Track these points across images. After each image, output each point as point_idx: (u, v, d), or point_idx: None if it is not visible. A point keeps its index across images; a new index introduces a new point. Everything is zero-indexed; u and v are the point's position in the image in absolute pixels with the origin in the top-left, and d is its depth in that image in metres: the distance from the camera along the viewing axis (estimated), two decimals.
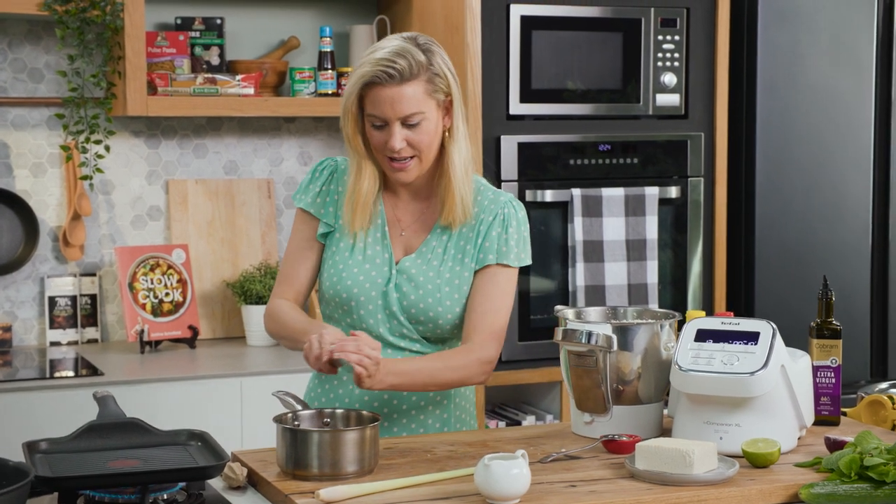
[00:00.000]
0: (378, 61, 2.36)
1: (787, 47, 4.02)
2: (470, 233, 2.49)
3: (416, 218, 2.52)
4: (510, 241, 2.48)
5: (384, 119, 2.39)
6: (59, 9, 3.65)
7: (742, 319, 2.32)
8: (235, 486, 2.20)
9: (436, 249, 2.49)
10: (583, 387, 2.42)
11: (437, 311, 2.45)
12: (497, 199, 2.51)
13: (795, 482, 2.12)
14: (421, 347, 2.49)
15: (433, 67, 2.39)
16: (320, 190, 2.53)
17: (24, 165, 3.92)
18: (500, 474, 1.98)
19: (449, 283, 2.46)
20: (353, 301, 2.46)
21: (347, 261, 2.48)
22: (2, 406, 3.34)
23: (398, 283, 2.46)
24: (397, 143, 2.38)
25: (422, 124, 2.39)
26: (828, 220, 4.09)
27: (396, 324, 2.46)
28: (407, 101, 2.36)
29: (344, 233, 2.50)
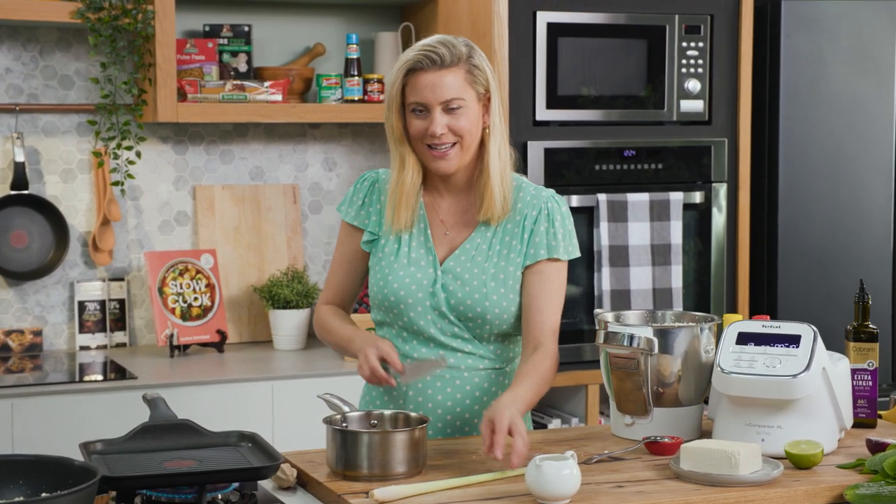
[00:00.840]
0: (420, 48, 2.45)
1: (810, 54, 4.06)
2: (515, 228, 2.53)
3: (457, 218, 2.56)
4: (558, 235, 2.52)
5: (425, 104, 2.44)
6: (92, 17, 3.68)
7: (782, 322, 2.35)
8: (285, 486, 2.23)
9: (480, 246, 2.52)
10: (624, 389, 2.45)
11: (485, 307, 2.48)
12: (539, 194, 2.57)
13: (839, 483, 2.15)
14: (473, 348, 2.52)
15: (473, 60, 2.46)
16: (363, 202, 2.59)
17: (54, 171, 3.96)
18: (551, 475, 2.02)
19: (494, 278, 2.50)
20: (402, 304, 2.50)
21: (393, 265, 2.52)
22: (33, 409, 3.37)
23: (444, 282, 2.50)
24: (438, 127, 2.43)
25: (462, 111, 2.44)
26: (849, 224, 4.13)
27: (447, 323, 2.50)
28: (447, 86, 2.42)
29: (388, 239, 2.54)
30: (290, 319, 3.95)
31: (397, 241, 2.54)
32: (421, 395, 2.52)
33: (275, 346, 3.99)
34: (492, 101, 2.50)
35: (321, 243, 4.28)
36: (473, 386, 2.52)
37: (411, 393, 2.52)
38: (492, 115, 2.50)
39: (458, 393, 2.52)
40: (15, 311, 3.93)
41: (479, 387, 2.53)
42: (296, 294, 3.96)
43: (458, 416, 2.53)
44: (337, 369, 3.70)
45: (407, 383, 2.49)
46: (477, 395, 2.53)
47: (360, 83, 4.03)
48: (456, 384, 2.51)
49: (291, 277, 4.02)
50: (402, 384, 2.51)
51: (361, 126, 4.29)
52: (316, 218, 4.26)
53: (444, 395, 2.52)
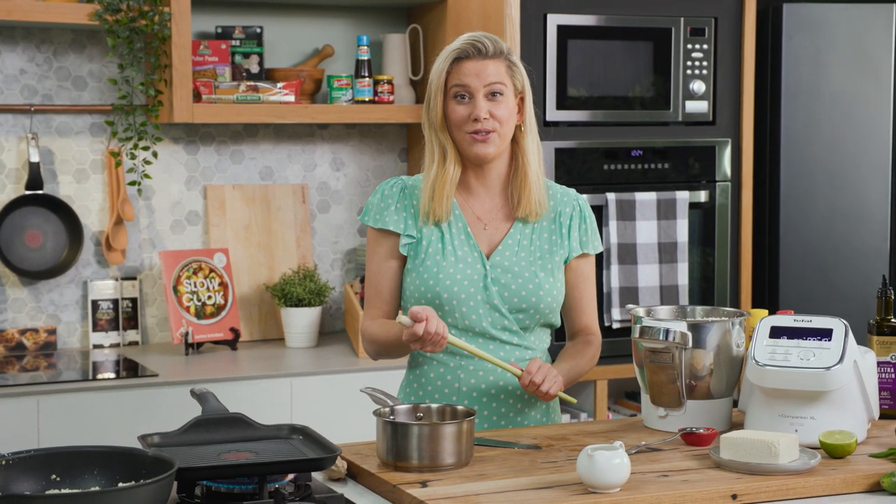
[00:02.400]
0: (466, 39, 2.58)
1: (810, 56, 4.16)
2: (552, 224, 2.65)
3: (494, 214, 2.64)
4: (589, 232, 2.68)
5: (469, 89, 2.54)
6: (110, 19, 3.72)
7: (813, 317, 2.43)
8: (337, 477, 2.29)
9: (521, 241, 2.62)
10: (658, 382, 2.53)
11: (539, 296, 2.58)
12: (567, 192, 2.71)
13: (875, 472, 2.23)
14: (520, 340, 2.61)
15: (511, 57, 2.61)
16: (395, 207, 2.63)
17: (67, 172, 3.99)
18: (602, 464, 2.08)
19: (542, 268, 2.60)
20: (455, 300, 2.56)
21: (441, 263, 2.58)
22: (56, 406, 3.41)
23: (494, 276, 2.58)
24: (482, 111, 2.53)
25: (502, 99, 2.56)
26: (849, 222, 4.23)
27: (498, 316, 2.58)
28: (491, 73, 2.55)
29: (431, 239, 2.60)
30: (303, 317, 4.00)
31: (440, 241, 2.60)
32: (475, 390, 2.58)
33: (287, 344, 4.04)
34: (525, 101, 2.62)
35: (329, 242, 4.33)
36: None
37: (465, 389, 2.58)
38: (526, 115, 2.62)
39: (509, 385, 2.60)
40: (29, 310, 3.96)
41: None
42: (308, 292, 4.01)
43: (511, 408, 2.60)
44: (352, 366, 3.76)
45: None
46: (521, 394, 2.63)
47: (371, 84, 4.09)
48: (508, 376, 2.59)
49: (304, 276, 4.07)
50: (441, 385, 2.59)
51: (369, 126, 4.34)
52: (324, 217, 4.32)
53: (497, 388, 2.59)
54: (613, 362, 3.99)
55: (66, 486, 1.95)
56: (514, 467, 2.26)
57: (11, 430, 3.34)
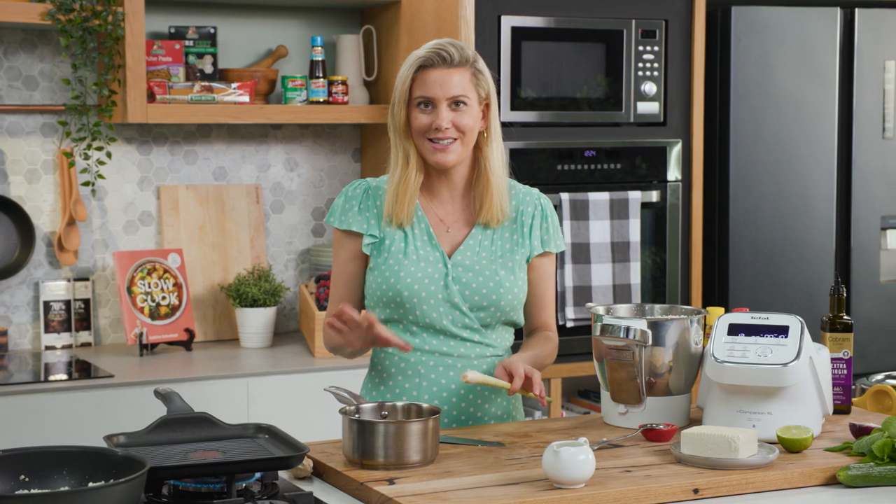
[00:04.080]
0: (432, 47, 2.59)
1: (758, 58, 4.23)
2: (513, 224, 2.68)
3: (457, 217, 2.67)
4: (551, 230, 2.71)
5: (433, 99, 2.56)
6: (63, 18, 3.70)
7: (770, 314, 2.48)
8: (303, 476, 2.30)
9: (482, 242, 2.65)
10: (618, 379, 2.56)
11: (500, 294, 2.61)
12: (529, 192, 2.73)
13: (830, 465, 2.28)
14: (481, 337, 2.63)
15: (477, 65, 2.62)
16: (359, 208, 2.66)
17: (18, 172, 3.96)
18: (568, 460, 2.12)
19: (504, 266, 2.63)
20: (416, 298, 2.59)
21: (402, 262, 2.61)
22: (1, 409, 3.39)
23: (455, 275, 2.61)
24: (444, 122, 2.55)
25: (466, 109, 2.57)
26: (795, 220, 4.31)
27: (459, 314, 2.60)
28: (455, 83, 2.56)
29: (394, 238, 2.63)
30: (258, 317, 4.00)
31: (403, 240, 2.62)
32: (435, 384, 2.61)
33: (242, 344, 4.04)
34: (491, 106, 2.64)
35: (283, 242, 4.33)
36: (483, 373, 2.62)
37: (425, 384, 2.60)
38: (491, 121, 2.64)
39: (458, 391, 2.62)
40: None
41: (488, 373, 2.62)
42: (263, 292, 4.01)
43: (471, 403, 2.63)
44: (308, 366, 3.77)
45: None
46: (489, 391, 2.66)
47: (325, 85, 4.10)
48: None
49: (258, 276, 4.07)
50: (405, 382, 2.62)
51: (323, 127, 4.35)
52: (278, 217, 4.32)
53: (458, 384, 2.61)
54: (567, 361, 4.02)
55: (36, 486, 1.95)
56: (479, 464, 2.29)
57: None
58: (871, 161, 4.39)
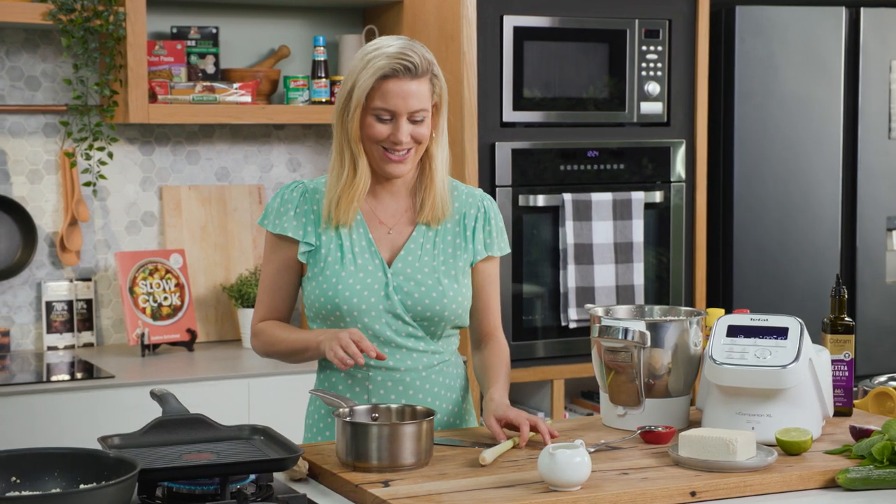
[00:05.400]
0: (394, 55, 2.43)
1: (763, 58, 4.21)
2: (456, 227, 2.58)
3: (398, 218, 2.58)
4: (493, 233, 2.61)
5: (393, 112, 2.45)
6: (64, 18, 3.70)
7: (770, 316, 2.47)
8: (298, 478, 2.29)
9: (424, 245, 2.55)
10: (617, 381, 2.55)
11: (443, 304, 2.52)
12: (472, 193, 2.63)
13: (829, 468, 2.26)
14: (425, 345, 2.55)
15: (434, 69, 2.49)
16: (295, 212, 2.55)
17: (21, 172, 3.96)
18: (564, 462, 2.10)
19: (446, 275, 2.54)
20: (356, 311, 2.49)
21: (340, 273, 2.51)
22: (3, 410, 3.38)
23: (396, 284, 2.51)
24: (403, 135, 2.45)
25: (423, 121, 2.48)
26: (800, 221, 4.28)
27: (402, 324, 2.52)
28: (416, 96, 2.45)
29: (329, 248, 2.52)
30: None
31: (339, 248, 2.52)
32: (383, 400, 2.52)
33: (244, 345, 4.04)
34: (440, 108, 2.52)
35: None
36: (432, 383, 2.58)
37: (374, 400, 2.52)
38: (440, 122, 2.53)
39: (419, 393, 2.56)
40: None
41: (437, 382, 2.58)
42: None
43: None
44: (309, 367, 3.73)
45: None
46: (435, 390, 2.58)
47: (328, 85, 4.09)
48: (416, 385, 2.56)
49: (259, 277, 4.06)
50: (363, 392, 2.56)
51: (326, 127, 4.33)
52: None
53: (407, 397, 2.54)
54: (570, 362, 4.02)
55: (27, 488, 1.94)
56: (474, 466, 2.27)
57: None
58: (877, 161, 4.37)
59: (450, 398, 2.61)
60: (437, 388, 2.58)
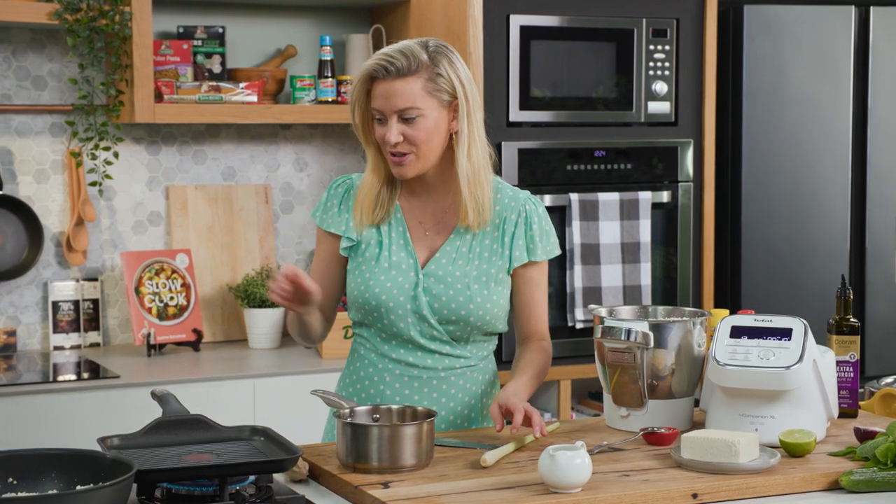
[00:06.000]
0: (379, 56, 2.44)
1: (771, 58, 4.18)
2: (495, 232, 2.56)
3: (437, 219, 2.57)
4: (535, 238, 2.57)
5: (382, 112, 2.45)
6: (70, 18, 3.70)
7: (774, 317, 2.45)
8: (298, 479, 2.28)
9: (460, 249, 2.54)
10: (620, 382, 2.53)
11: (469, 309, 2.51)
12: (517, 196, 2.59)
13: (833, 470, 2.24)
14: (450, 349, 2.55)
15: (437, 68, 2.44)
16: (339, 208, 2.59)
17: (27, 172, 3.96)
18: (564, 464, 2.09)
19: (477, 280, 2.52)
20: (383, 308, 2.51)
21: (374, 269, 2.53)
22: (13, 408, 3.38)
23: (426, 286, 2.51)
24: (393, 136, 2.43)
25: (418, 121, 2.43)
26: (809, 222, 4.26)
27: (427, 326, 2.52)
28: (401, 95, 2.41)
29: (369, 243, 2.55)
30: (266, 318, 3.99)
31: (378, 245, 2.54)
32: (398, 393, 2.54)
33: (250, 345, 4.03)
34: (460, 106, 2.46)
35: (292, 243, 4.32)
36: (449, 385, 2.57)
37: (389, 392, 2.54)
38: (460, 121, 2.47)
39: (434, 392, 2.56)
40: None
41: (455, 385, 2.57)
42: None
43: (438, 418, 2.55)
44: (315, 367, 3.75)
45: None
46: (452, 392, 2.57)
47: (334, 84, 4.08)
48: (433, 384, 2.55)
49: (267, 276, 4.06)
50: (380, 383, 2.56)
51: (332, 127, 4.34)
52: (287, 218, 4.30)
53: (421, 395, 2.54)
54: (577, 362, 4.00)
55: (24, 489, 1.94)
56: (475, 468, 2.26)
57: None
58: (887, 161, 4.34)
59: (466, 402, 2.59)
60: (454, 391, 2.57)
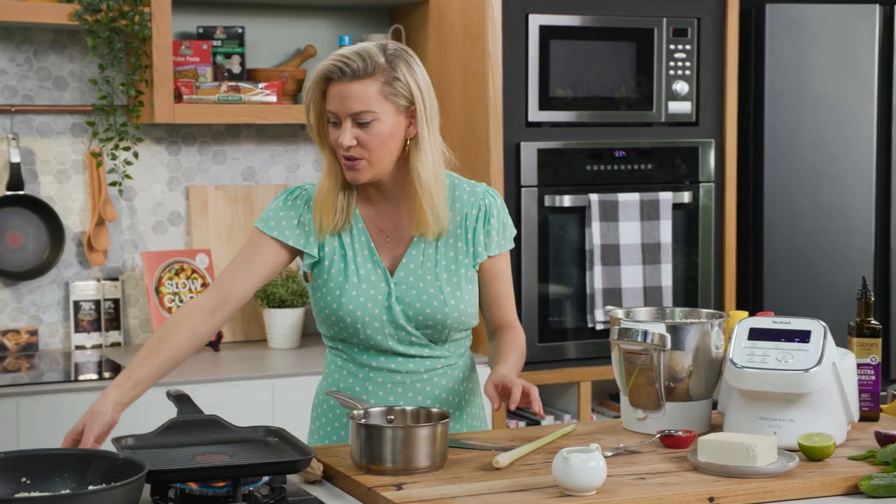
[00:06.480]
0: (335, 57, 2.39)
1: (793, 57, 4.15)
2: (457, 229, 2.52)
3: (396, 225, 2.52)
4: (493, 232, 2.53)
5: (336, 115, 2.39)
6: (90, 19, 3.71)
7: (792, 319, 2.43)
8: (312, 480, 2.27)
9: (426, 251, 2.50)
10: (636, 384, 2.52)
11: (445, 312, 2.48)
12: (474, 190, 2.54)
13: (852, 474, 2.22)
14: (429, 351, 2.52)
15: (394, 72, 2.39)
16: (298, 221, 2.50)
17: (48, 172, 3.97)
18: (578, 466, 2.07)
19: (448, 282, 2.49)
20: (359, 323, 2.47)
21: (343, 285, 2.48)
22: (36, 407, 3.39)
23: (399, 294, 2.48)
24: (346, 139, 2.37)
25: (373, 125, 2.38)
26: (833, 222, 4.22)
27: (405, 334, 2.49)
28: (356, 98, 2.37)
29: (333, 259, 2.49)
30: (285, 318, 3.99)
31: (343, 259, 2.49)
32: (383, 400, 2.51)
33: (269, 345, 4.03)
34: (418, 112, 2.41)
35: None
36: (433, 386, 2.54)
37: (373, 401, 2.50)
38: (419, 127, 2.42)
39: (419, 395, 2.53)
40: (10, 311, 3.94)
41: (439, 385, 2.55)
42: (291, 293, 4.00)
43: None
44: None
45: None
46: (436, 393, 2.55)
47: None
48: (417, 387, 2.53)
49: (286, 277, 4.05)
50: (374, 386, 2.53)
51: None
52: None
53: (407, 399, 2.52)
54: (598, 363, 3.98)
55: (37, 489, 1.94)
56: (489, 470, 2.25)
57: None
58: None
59: (451, 402, 2.57)
60: (437, 391, 2.55)
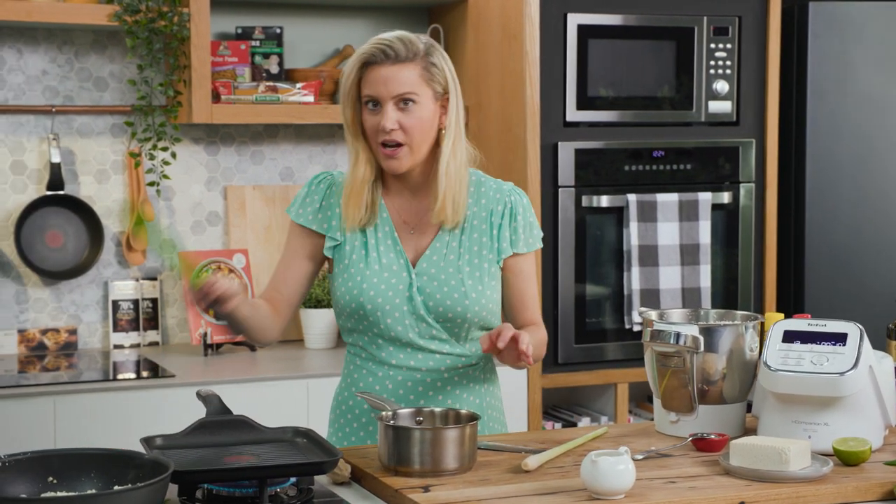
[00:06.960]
0: (377, 41, 2.43)
1: (837, 55, 4.10)
2: (482, 225, 2.52)
3: (421, 217, 2.52)
4: (519, 230, 2.53)
5: (378, 98, 2.41)
6: (129, 19, 3.72)
7: (828, 321, 2.39)
8: (340, 481, 2.27)
9: (450, 244, 2.50)
10: (669, 387, 2.49)
11: (465, 305, 2.46)
12: (500, 189, 2.56)
13: (888, 479, 2.18)
14: (450, 348, 2.51)
15: (431, 58, 2.43)
16: (320, 205, 2.53)
17: (88, 172, 4.00)
18: (606, 470, 2.05)
19: (471, 276, 2.48)
20: (379, 311, 2.46)
21: (364, 271, 2.48)
22: (73, 406, 3.41)
23: (420, 285, 2.48)
24: (389, 122, 2.39)
25: (414, 109, 2.41)
26: (876, 224, 4.17)
27: (425, 326, 2.48)
28: (401, 80, 2.39)
29: (354, 245, 2.50)
30: (322, 318, 3.99)
31: (364, 247, 2.49)
32: (402, 400, 2.50)
33: (306, 345, 4.03)
34: (450, 101, 2.46)
35: None
36: (454, 385, 2.53)
37: (393, 399, 2.48)
38: (449, 116, 2.46)
39: (439, 395, 2.52)
40: (50, 310, 3.97)
41: (459, 385, 2.53)
42: (327, 293, 3.99)
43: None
44: None
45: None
46: (457, 393, 2.54)
47: None
48: (437, 386, 2.52)
49: (323, 277, 4.05)
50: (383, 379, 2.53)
51: None
52: None
53: (427, 398, 2.51)
54: (635, 365, 3.95)
55: (63, 488, 1.94)
56: (518, 472, 2.23)
57: (27, 430, 3.34)
58: None
59: (471, 403, 2.55)
60: (458, 391, 2.53)
